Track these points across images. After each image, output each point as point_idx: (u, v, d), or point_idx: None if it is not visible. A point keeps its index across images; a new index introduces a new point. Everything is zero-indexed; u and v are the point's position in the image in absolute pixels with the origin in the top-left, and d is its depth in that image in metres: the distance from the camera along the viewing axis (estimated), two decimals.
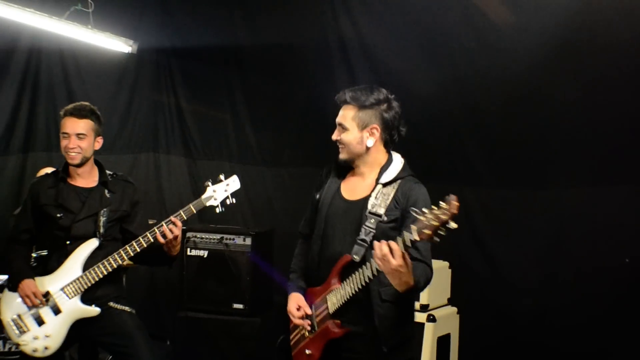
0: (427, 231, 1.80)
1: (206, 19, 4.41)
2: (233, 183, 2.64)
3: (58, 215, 2.73)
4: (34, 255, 3.18)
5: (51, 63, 4.52)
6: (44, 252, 3.00)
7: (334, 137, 2.19)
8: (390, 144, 2.19)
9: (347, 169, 2.23)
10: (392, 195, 2.13)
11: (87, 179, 2.79)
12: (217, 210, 2.62)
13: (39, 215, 2.79)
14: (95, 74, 4.55)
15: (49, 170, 3.46)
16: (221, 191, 2.62)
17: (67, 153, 2.71)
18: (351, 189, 2.23)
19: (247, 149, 4.43)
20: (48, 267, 2.76)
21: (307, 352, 2.24)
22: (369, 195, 2.14)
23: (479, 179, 3.50)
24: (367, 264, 2.01)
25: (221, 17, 4.34)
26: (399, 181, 2.13)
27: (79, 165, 2.74)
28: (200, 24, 4.45)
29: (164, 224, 2.58)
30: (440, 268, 3.18)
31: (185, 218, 2.60)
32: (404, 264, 1.85)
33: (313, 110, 4.01)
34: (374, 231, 2.08)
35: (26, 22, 3.54)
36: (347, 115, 2.14)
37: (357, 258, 2.07)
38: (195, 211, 2.62)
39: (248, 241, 3.62)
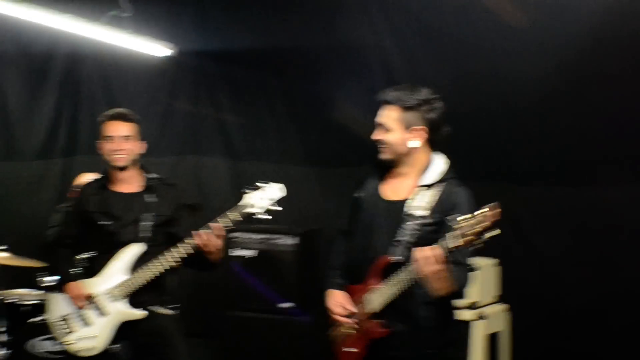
0: (469, 238, 1.82)
1: (244, 21, 4.37)
2: (275, 191, 2.60)
3: (104, 222, 2.76)
4: (80, 257, 3.14)
5: (90, 67, 4.64)
6: (90, 255, 3.04)
7: (376, 137, 2.17)
8: (434, 145, 2.16)
9: (387, 168, 2.22)
10: (433, 198, 2.12)
11: (131, 184, 2.79)
12: (262, 217, 2.61)
13: (84, 221, 2.83)
14: (136, 77, 4.60)
15: (88, 176, 3.53)
16: (259, 199, 2.60)
17: (113, 156, 2.71)
18: (392, 189, 2.22)
19: (289, 149, 4.44)
20: (94, 270, 2.80)
21: (352, 350, 2.25)
22: (410, 197, 2.14)
23: (523, 176, 3.52)
24: (410, 267, 2.02)
25: (259, 19, 4.34)
26: (442, 184, 2.13)
27: (124, 168, 2.74)
28: (239, 27, 4.40)
29: (200, 232, 2.56)
30: (488, 265, 3.22)
31: (225, 225, 2.58)
32: (444, 269, 1.87)
33: (354, 110, 4.01)
34: (412, 233, 2.09)
35: (64, 28, 3.60)
36: (390, 116, 2.12)
37: (395, 259, 2.08)
38: (231, 220, 2.59)
39: (294, 241, 3.67)
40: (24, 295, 3.54)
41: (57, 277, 3.29)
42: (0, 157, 4.58)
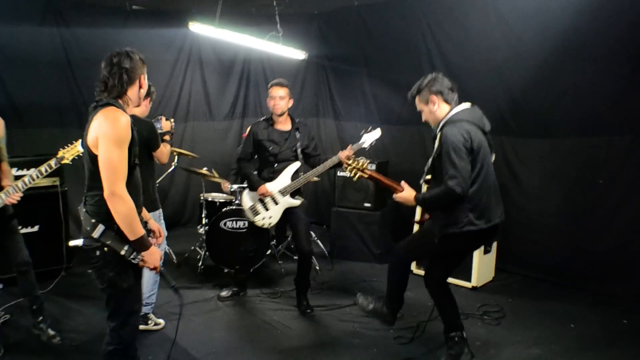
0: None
1: (346, 37, 5.43)
2: (376, 133, 3.27)
3: (270, 147, 3.30)
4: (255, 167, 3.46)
5: (257, 66, 5.81)
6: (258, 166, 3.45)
7: (423, 119, 2.60)
8: (449, 100, 2.47)
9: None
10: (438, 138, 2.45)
11: (284, 125, 3.35)
12: (366, 148, 3.25)
13: (257, 146, 3.33)
14: (282, 71, 5.47)
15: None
16: (368, 138, 3.25)
17: (274, 107, 3.24)
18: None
19: (371, 113, 5.26)
20: (261, 176, 3.35)
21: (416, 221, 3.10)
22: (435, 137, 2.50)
23: (508, 130, 4.22)
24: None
25: (355, 35, 5.32)
26: (442, 128, 2.46)
27: (280, 115, 3.29)
28: (341, 40, 5.48)
29: (341, 153, 3.11)
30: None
31: (355, 150, 3.15)
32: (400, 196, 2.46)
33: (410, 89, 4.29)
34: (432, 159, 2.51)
35: (242, 43, 4.48)
36: (417, 103, 2.59)
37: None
38: (356, 150, 3.17)
39: (373, 167, 4.46)
40: (216, 196, 4.45)
41: (237, 185, 4.08)
42: (205, 118, 5.67)
